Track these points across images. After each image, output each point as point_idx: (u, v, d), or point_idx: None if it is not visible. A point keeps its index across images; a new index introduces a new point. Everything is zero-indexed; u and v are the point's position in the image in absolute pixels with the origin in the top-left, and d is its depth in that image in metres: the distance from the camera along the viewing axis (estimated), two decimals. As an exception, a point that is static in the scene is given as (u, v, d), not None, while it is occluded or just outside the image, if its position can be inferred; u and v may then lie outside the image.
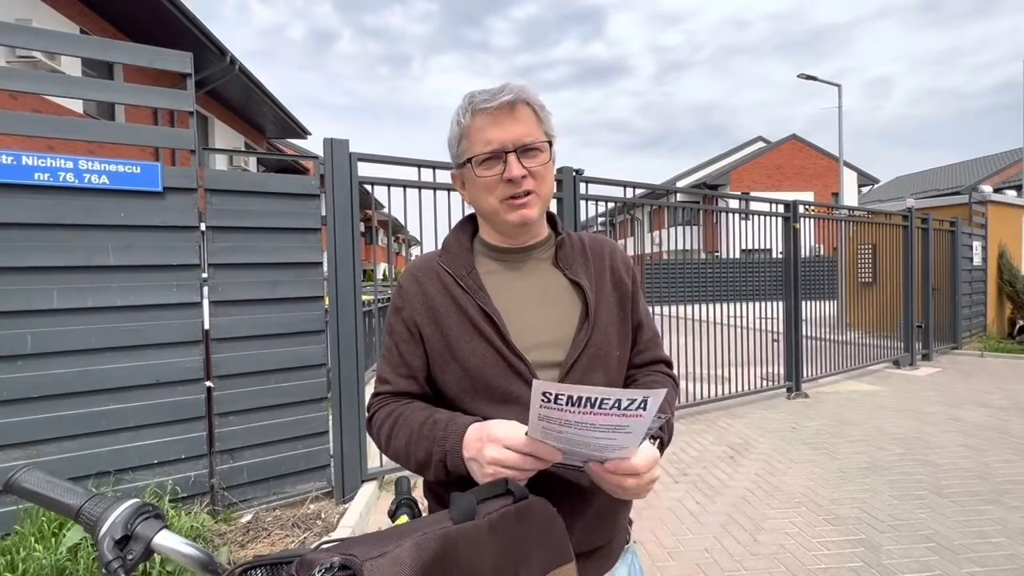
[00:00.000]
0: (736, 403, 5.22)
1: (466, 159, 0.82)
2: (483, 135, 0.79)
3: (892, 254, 6.99)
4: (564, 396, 0.58)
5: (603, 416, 0.60)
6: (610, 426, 0.62)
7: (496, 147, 0.78)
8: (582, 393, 0.58)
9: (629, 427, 0.63)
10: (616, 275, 0.90)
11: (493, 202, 0.81)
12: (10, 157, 2.27)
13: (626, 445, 0.66)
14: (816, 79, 14.24)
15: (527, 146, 0.79)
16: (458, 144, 0.83)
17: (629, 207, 4.64)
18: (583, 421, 0.61)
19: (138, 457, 2.48)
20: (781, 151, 25.49)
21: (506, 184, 0.79)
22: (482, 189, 0.82)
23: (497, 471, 0.66)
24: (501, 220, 0.83)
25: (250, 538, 2.50)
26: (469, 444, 0.71)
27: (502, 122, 0.78)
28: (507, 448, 0.66)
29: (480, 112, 0.78)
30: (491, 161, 0.79)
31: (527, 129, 0.79)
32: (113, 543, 0.56)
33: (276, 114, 10.84)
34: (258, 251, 2.79)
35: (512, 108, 0.79)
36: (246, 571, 0.54)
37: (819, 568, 2.33)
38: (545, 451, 0.66)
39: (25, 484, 0.60)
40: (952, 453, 3.75)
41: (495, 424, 0.70)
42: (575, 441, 0.65)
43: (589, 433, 0.63)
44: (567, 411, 0.60)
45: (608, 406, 0.59)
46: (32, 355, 2.29)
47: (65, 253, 2.36)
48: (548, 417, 0.61)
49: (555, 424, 0.62)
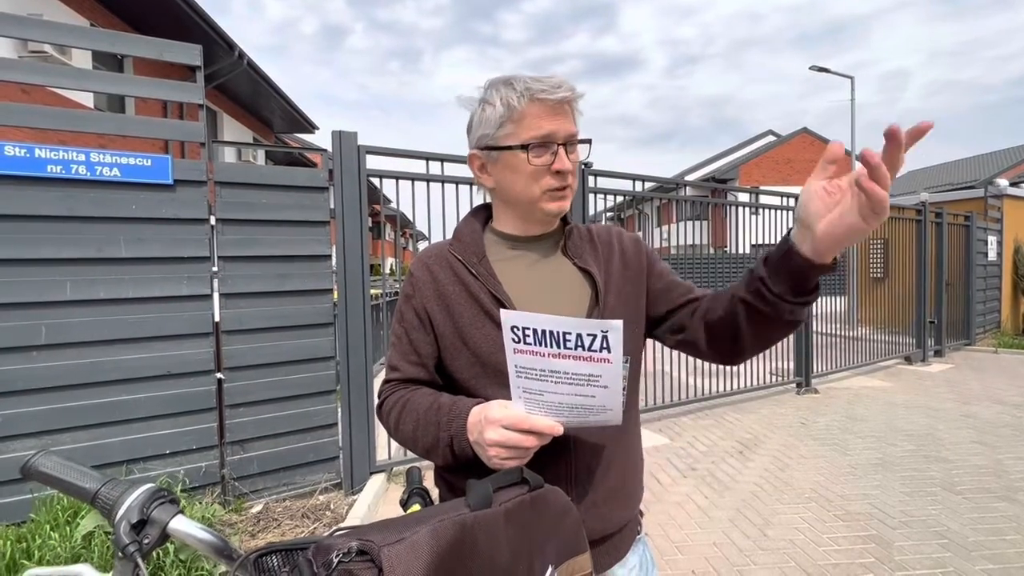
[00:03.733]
0: (745, 398, 5.19)
1: (513, 144, 0.80)
2: (539, 122, 0.79)
3: (905, 249, 6.89)
4: (531, 330, 0.61)
5: (571, 360, 0.62)
6: (582, 376, 0.63)
7: (548, 136, 0.79)
8: (545, 325, 0.61)
9: (602, 378, 0.63)
10: (625, 255, 0.91)
11: (536, 191, 0.82)
12: (23, 150, 2.29)
13: (607, 405, 0.66)
14: (828, 71, 14.03)
15: (576, 140, 0.82)
16: (500, 126, 0.81)
17: (637, 201, 4.61)
18: (554, 369, 0.63)
19: (150, 447, 2.51)
20: (791, 145, 25.18)
21: (554, 175, 0.80)
22: (527, 176, 0.81)
23: (499, 452, 0.66)
24: (538, 208, 0.83)
25: (260, 528, 2.52)
26: (472, 427, 0.71)
27: (558, 114, 0.80)
28: (506, 428, 0.66)
29: (539, 100, 0.78)
30: (541, 149, 0.80)
31: (575, 125, 0.82)
32: (130, 527, 0.56)
33: (284, 108, 10.87)
34: (267, 244, 2.80)
35: (567, 103, 0.80)
36: (261, 556, 0.54)
37: (830, 564, 2.32)
38: (542, 424, 0.66)
39: (42, 468, 0.61)
40: (965, 450, 3.71)
41: (493, 406, 0.70)
42: (556, 405, 0.66)
43: (565, 391, 0.64)
44: (537, 353, 0.62)
45: (571, 343, 0.61)
46: (46, 346, 2.32)
47: (77, 245, 2.38)
48: (523, 369, 0.63)
49: (532, 380, 0.64)
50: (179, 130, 2.93)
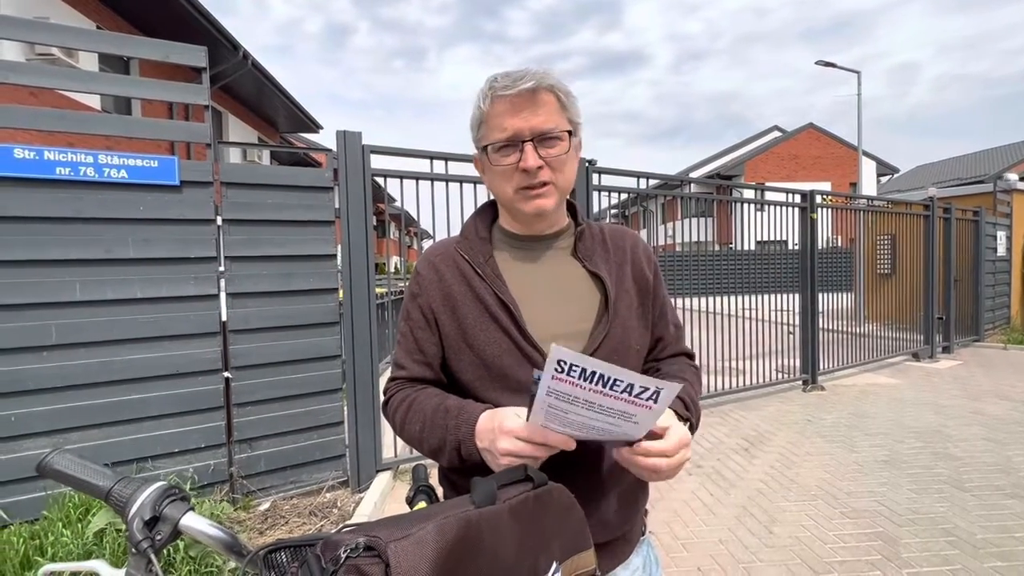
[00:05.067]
0: (750, 396, 5.17)
1: (483, 146, 0.81)
2: (500, 122, 0.77)
3: (912, 245, 6.84)
4: (578, 368, 0.58)
5: (612, 399, 0.60)
6: (617, 412, 0.61)
7: (512, 135, 0.76)
8: (596, 368, 0.57)
9: (636, 417, 0.62)
10: (637, 267, 0.89)
11: (508, 191, 0.80)
12: (32, 152, 2.31)
13: (630, 435, 0.66)
14: (835, 66, 13.91)
15: (545, 135, 0.77)
16: (478, 129, 0.82)
17: (642, 199, 4.60)
18: (591, 400, 0.60)
19: (159, 446, 2.54)
20: (797, 140, 24.97)
21: (521, 174, 0.78)
22: (498, 177, 0.81)
23: (512, 462, 0.66)
24: (516, 209, 0.82)
25: (268, 525, 2.55)
26: (481, 434, 0.70)
27: (521, 109, 0.76)
28: (519, 439, 0.66)
29: (499, 98, 0.76)
30: (507, 149, 0.78)
31: (547, 117, 0.77)
32: (143, 524, 0.57)
33: (288, 108, 10.91)
34: (273, 244, 2.82)
35: (533, 94, 0.76)
36: (270, 553, 0.55)
37: (836, 561, 2.31)
38: (558, 440, 0.65)
39: (57, 466, 0.62)
40: (973, 447, 3.68)
41: (506, 415, 0.69)
42: (578, 424, 0.64)
43: (594, 416, 0.62)
44: (578, 386, 0.59)
45: (620, 389, 0.59)
46: (56, 346, 2.35)
47: (86, 246, 2.40)
48: (556, 392, 0.60)
49: (562, 401, 0.61)
50: (185, 131, 2.96)
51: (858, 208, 6.73)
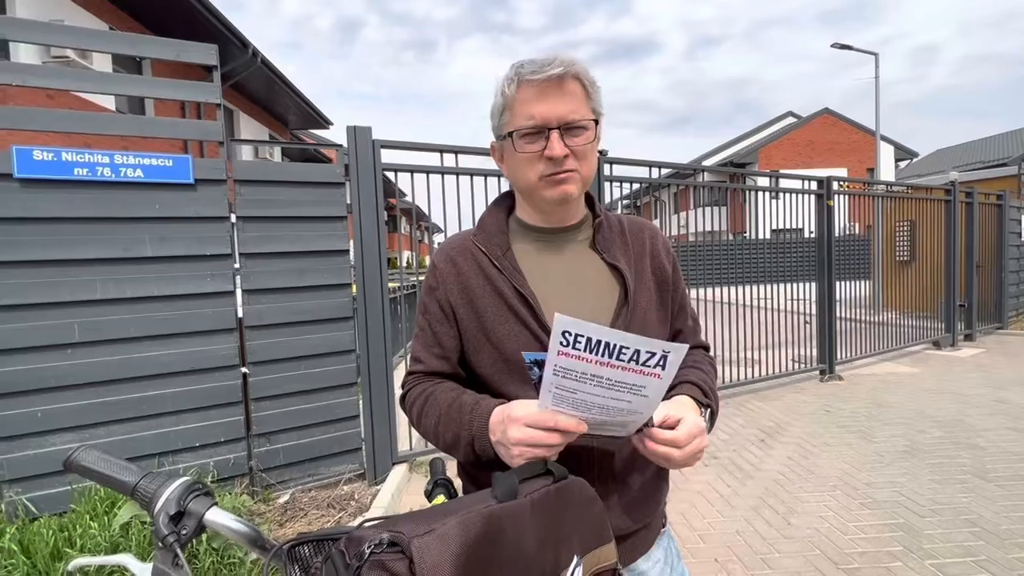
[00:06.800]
0: (766, 386, 5.12)
1: (507, 132, 0.79)
2: (527, 108, 0.75)
3: (933, 230, 6.68)
4: (584, 338, 0.58)
5: (620, 370, 0.60)
6: (625, 385, 0.61)
7: (539, 123, 0.75)
8: (602, 336, 0.58)
9: (645, 388, 0.62)
10: (656, 260, 0.88)
11: (532, 178, 0.79)
12: (51, 153, 2.35)
13: (641, 411, 0.65)
14: (851, 48, 13.56)
15: (571, 124, 0.75)
16: (501, 115, 0.80)
17: (654, 188, 4.54)
18: (598, 375, 0.60)
19: (181, 440, 2.58)
20: (813, 126, 24.47)
21: (546, 162, 0.76)
22: (522, 163, 0.79)
23: (524, 451, 0.65)
24: (540, 196, 0.80)
25: (287, 518, 2.59)
26: (494, 428, 0.70)
27: (549, 96, 0.74)
28: (529, 427, 0.65)
29: (526, 83, 0.74)
30: (532, 136, 0.76)
31: (574, 106, 0.75)
32: (168, 518, 0.58)
33: (298, 105, 10.97)
34: (286, 240, 2.84)
35: (561, 82, 0.74)
36: (294, 547, 0.55)
37: (856, 552, 2.29)
38: (568, 423, 0.65)
39: (83, 462, 0.63)
40: (997, 436, 3.61)
41: (515, 405, 0.69)
42: (588, 404, 0.64)
43: (603, 393, 0.62)
44: (584, 359, 0.59)
45: (626, 357, 0.59)
46: (79, 344, 2.40)
47: (105, 245, 2.44)
48: (563, 369, 0.60)
49: (569, 380, 0.61)
50: (198, 129, 2.98)
51: (876, 194, 6.58)
